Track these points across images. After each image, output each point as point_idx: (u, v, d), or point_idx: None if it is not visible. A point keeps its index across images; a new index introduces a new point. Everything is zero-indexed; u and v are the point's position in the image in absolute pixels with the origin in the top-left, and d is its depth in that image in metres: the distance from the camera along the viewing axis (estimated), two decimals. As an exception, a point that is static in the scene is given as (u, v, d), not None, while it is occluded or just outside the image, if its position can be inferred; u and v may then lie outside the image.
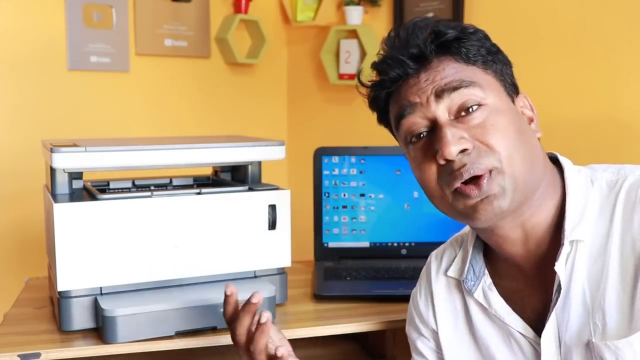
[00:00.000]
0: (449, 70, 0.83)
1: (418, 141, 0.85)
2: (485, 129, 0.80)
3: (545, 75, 1.85)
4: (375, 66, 0.90)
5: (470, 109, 0.81)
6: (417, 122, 0.84)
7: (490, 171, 0.80)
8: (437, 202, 0.87)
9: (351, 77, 2.50)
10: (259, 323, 0.91)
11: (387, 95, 0.89)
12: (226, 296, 0.98)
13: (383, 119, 0.94)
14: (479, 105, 0.81)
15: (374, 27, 2.47)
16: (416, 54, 0.84)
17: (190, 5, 2.54)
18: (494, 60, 0.86)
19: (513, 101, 0.86)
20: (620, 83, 1.71)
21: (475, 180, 0.80)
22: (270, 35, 2.70)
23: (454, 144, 0.79)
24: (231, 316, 0.98)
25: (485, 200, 0.80)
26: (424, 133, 0.84)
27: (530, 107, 0.89)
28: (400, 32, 0.87)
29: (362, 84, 0.92)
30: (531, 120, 0.88)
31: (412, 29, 0.85)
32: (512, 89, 0.87)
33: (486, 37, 0.87)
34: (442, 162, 0.81)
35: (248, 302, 0.94)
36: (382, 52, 0.89)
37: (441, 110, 0.82)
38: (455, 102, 0.82)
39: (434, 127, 0.83)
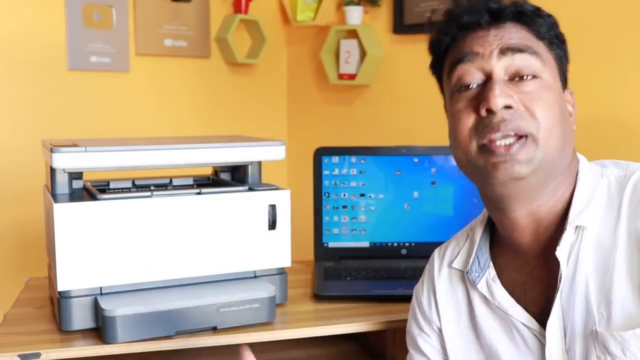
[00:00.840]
0: (519, 34, 0.85)
1: (466, 90, 0.86)
2: (534, 97, 0.82)
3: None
4: (450, 11, 0.91)
5: (526, 77, 0.83)
6: (472, 71, 0.86)
7: (527, 136, 0.81)
8: (459, 153, 0.87)
9: (351, 77, 2.50)
10: None
11: (450, 41, 0.90)
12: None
13: (436, 66, 0.95)
14: (535, 76, 0.83)
15: (374, 27, 2.47)
16: (494, 9, 0.86)
17: (190, 5, 2.54)
18: (559, 46, 0.88)
19: (564, 87, 0.89)
20: (620, 83, 1.71)
21: (508, 145, 0.81)
22: (270, 35, 2.70)
23: (501, 96, 0.81)
24: None
25: (508, 162, 0.81)
26: (475, 85, 0.86)
27: (573, 104, 0.91)
28: None
29: (431, 24, 0.95)
30: (570, 115, 0.90)
31: None
32: (564, 81, 0.90)
33: (557, 24, 0.90)
34: (483, 113, 0.82)
35: None
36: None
37: (499, 67, 0.84)
38: (516, 64, 0.84)
39: (486, 80, 0.84)
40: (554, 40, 0.88)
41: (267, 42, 2.64)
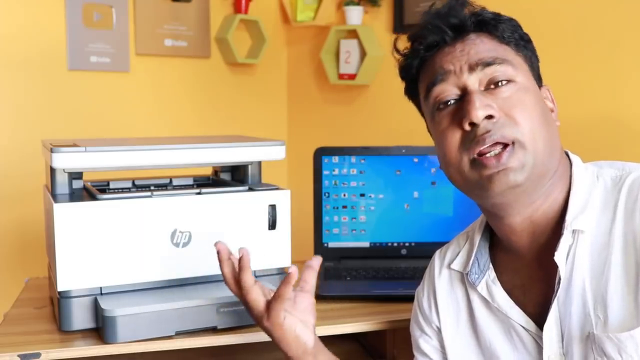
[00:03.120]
0: (485, 45, 0.86)
1: (445, 108, 0.87)
2: (512, 102, 0.83)
3: (545, 74, 1.84)
4: (413, 33, 0.91)
5: (500, 83, 0.84)
6: (448, 89, 0.86)
7: (514, 143, 0.81)
8: (451, 171, 0.87)
9: (351, 77, 2.50)
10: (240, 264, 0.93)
11: (420, 63, 0.91)
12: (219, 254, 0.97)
13: (411, 90, 0.96)
14: (509, 81, 0.84)
15: (374, 27, 2.47)
16: (456, 24, 0.86)
17: (190, 5, 2.54)
18: (525, 47, 0.89)
19: (539, 86, 0.90)
20: (620, 83, 1.71)
21: (497, 154, 0.81)
22: (270, 35, 2.70)
23: (481, 108, 0.81)
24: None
25: (502, 172, 0.81)
26: (452, 101, 0.86)
27: (552, 100, 0.92)
28: (441, 4, 0.89)
29: (397, 51, 0.94)
30: (551, 110, 0.90)
31: (453, 3, 0.88)
32: (538, 79, 0.91)
33: (519, 26, 0.90)
34: (467, 127, 0.83)
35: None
36: (420, 22, 0.90)
37: (472, 81, 0.84)
38: (487, 75, 0.84)
39: (464, 94, 0.85)
40: (520, 42, 0.88)
41: (267, 42, 2.64)
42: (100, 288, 1.15)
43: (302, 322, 0.96)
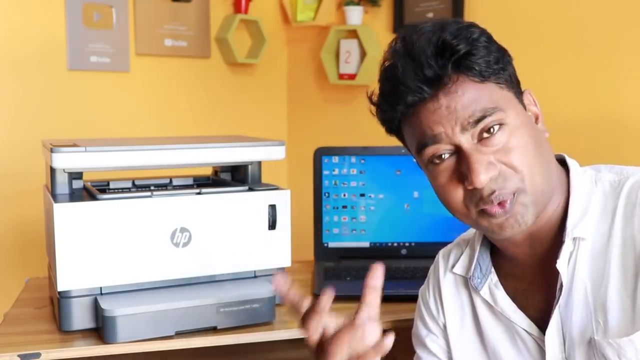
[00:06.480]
0: (469, 95, 0.80)
1: (440, 163, 0.84)
2: (508, 150, 0.81)
3: (545, 75, 1.85)
4: (388, 89, 0.86)
5: (492, 129, 0.81)
6: (440, 148, 0.83)
7: (514, 193, 0.81)
8: (459, 217, 0.87)
9: (351, 77, 2.50)
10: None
11: (401, 117, 0.87)
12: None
13: (394, 132, 0.92)
14: (500, 124, 0.81)
15: (374, 27, 2.47)
16: (432, 78, 0.81)
17: (190, 5, 2.54)
18: (503, 67, 0.83)
19: (523, 104, 0.86)
20: (620, 83, 1.71)
21: (500, 202, 0.81)
22: (270, 35, 2.70)
23: (483, 172, 0.80)
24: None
25: (512, 219, 0.82)
26: (447, 154, 0.83)
27: (535, 102, 0.89)
28: (408, 46, 0.83)
29: (373, 104, 0.90)
30: (537, 116, 0.88)
31: (421, 43, 0.81)
32: (519, 89, 0.86)
33: (489, 40, 0.83)
34: (470, 188, 0.82)
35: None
36: (391, 65, 0.85)
37: (466, 138, 0.81)
38: (479, 128, 0.81)
39: (459, 151, 0.82)
40: (497, 67, 0.82)
41: (267, 42, 2.64)
42: (100, 288, 1.15)
43: None
